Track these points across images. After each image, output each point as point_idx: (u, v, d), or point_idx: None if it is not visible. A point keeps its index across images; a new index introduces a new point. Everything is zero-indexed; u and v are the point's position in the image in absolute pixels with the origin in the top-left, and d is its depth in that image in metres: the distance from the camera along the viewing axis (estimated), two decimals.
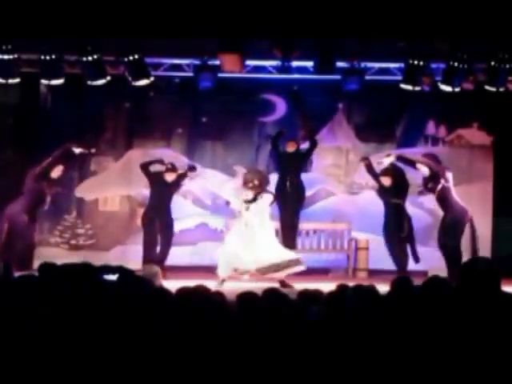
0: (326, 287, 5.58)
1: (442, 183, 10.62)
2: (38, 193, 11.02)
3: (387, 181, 10.91)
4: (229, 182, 12.01)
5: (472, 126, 12.59)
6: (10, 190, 11.45)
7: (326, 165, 12.85)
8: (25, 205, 10.96)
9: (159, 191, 11.05)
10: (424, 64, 10.79)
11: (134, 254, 11.27)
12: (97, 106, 12.46)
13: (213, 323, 4.67)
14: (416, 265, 11.01)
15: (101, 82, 11.07)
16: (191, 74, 11.50)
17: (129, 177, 12.42)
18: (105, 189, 12.72)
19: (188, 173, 11.39)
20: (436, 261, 11.21)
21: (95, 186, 12.71)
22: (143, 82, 11.14)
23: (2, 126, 12.48)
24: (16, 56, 10.84)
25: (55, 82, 11.16)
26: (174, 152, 12.56)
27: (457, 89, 10.91)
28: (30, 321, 4.70)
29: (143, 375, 4.39)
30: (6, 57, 10.77)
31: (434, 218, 11.94)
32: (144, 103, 12.47)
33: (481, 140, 12.56)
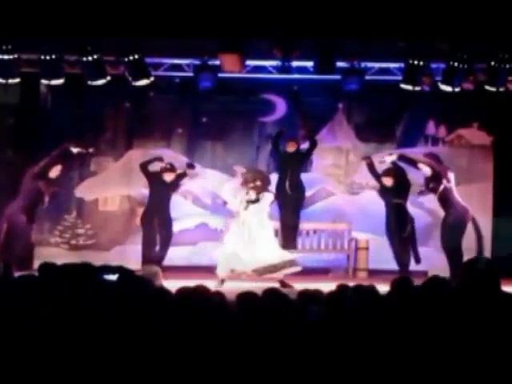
0: (326, 287, 5.57)
1: (444, 183, 10.60)
2: (36, 193, 11.00)
3: (389, 181, 10.88)
4: (228, 182, 11.99)
5: (472, 126, 12.59)
6: (10, 190, 11.45)
7: (326, 165, 12.85)
8: (23, 205, 10.95)
9: (158, 191, 11.05)
10: (424, 64, 10.79)
11: (134, 254, 11.27)
12: (97, 106, 12.46)
13: (213, 323, 4.67)
14: (416, 265, 11.01)
15: (101, 82, 11.07)
16: (191, 74, 11.50)
17: (129, 177, 12.43)
18: (105, 189, 12.72)
19: (187, 171, 11.38)
20: (436, 261, 11.22)
21: (95, 186, 12.71)
22: (143, 82, 11.14)
23: (2, 126, 12.48)
24: (16, 56, 10.83)
25: (55, 82, 11.15)
26: (174, 152, 12.56)
27: (457, 89, 10.91)
28: (30, 321, 4.70)
29: (143, 375, 4.39)
30: (6, 57, 10.77)
31: (434, 218, 11.95)
32: (144, 103, 12.47)
33: (481, 140, 12.56)
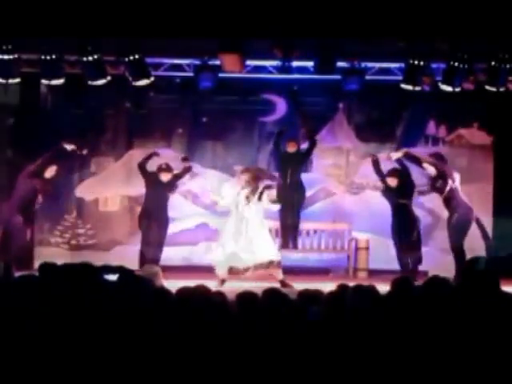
0: (326, 287, 5.57)
1: (450, 183, 10.62)
2: (31, 192, 10.99)
3: (393, 181, 10.86)
4: (228, 182, 11.93)
5: (472, 126, 12.60)
6: (10, 191, 11.44)
7: (326, 165, 12.85)
8: (18, 205, 10.92)
9: (155, 191, 11.01)
10: (424, 64, 10.78)
11: (134, 254, 11.25)
12: (97, 106, 12.46)
13: (213, 323, 4.67)
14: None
15: (101, 82, 11.06)
16: (191, 74, 11.49)
17: (129, 177, 12.42)
18: (105, 189, 12.73)
19: (183, 163, 11.33)
20: (436, 261, 11.22)
21: (95, 186, 12.72)
22: (143, 82, 11.14)
23: (2, 126, 12.48)
24: (16, 56, 10.82)
25: (55, 82, 11.15)
26: (175, 152, 12.55)
27: (457, 89, 10.90)
28: (30, 321, 4.70)
29: (143, 375, 4.39)
30: (6, 57, 10.76)
31: (434, 218, 11.95)
32: (144, 103, 12.47)
33: (481, 140, 12.56)
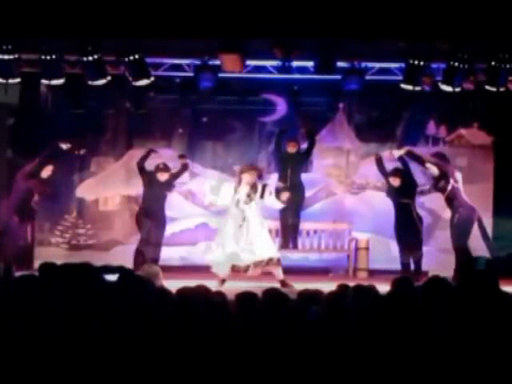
0: (326, 287, 5.58)
1: (452, 183, 10.64)
2: (27, 192, 10.99)
3: (395, 181, 10.88)
4: (225, 183, 11.83)
5: (472, 126, 12.60)
6: (10, 190, 11.44)
7: (327, 165, 12.84)
8: (14, 205, 10.92)
9: (152, 191, 11.00)
10: (424, 64, 10.78)
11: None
12: (97, 106, 12.45)
13: (213, 323, 4.67)
14: None
15: (101, 82, 11.05)
16: (191, 74, 11.50)
17: (129, 177, 12.41)
18: (105, 189, 12.72)
19: (179, 160, 11.32)
20: (436, 261, 11.22)
21: (95, 186, 12.71)
22: (143, 82, 11.13)
23: (2, 126, 12.48)
24: (16, 56, 10.82)
25: (55, 82, 11.14)
26: (175, 152, 12.53)
27: (457, 89, 10.90)
28: (30, 321, 4.70)
29: (144, 375, 4.39)
30: (7, 57, 10.75)
31: (434, 218, 11.95)
32: (144, 103, 12.45)
33: (481, 140, 12.56)
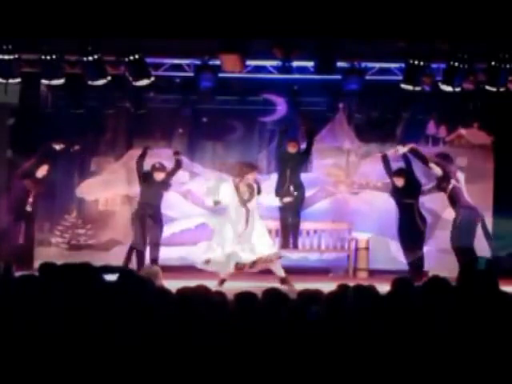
0: (326, 287, 5.57)
1: (453, 184, 10.68)
2: (22, 192, 10.99)
3: (400, 181, 10.92)
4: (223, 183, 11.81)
5: (472, 126, 12.59)
6: (10, 190, 11.45)
7: (327, 165, 12.83)
8: (9, 204, 10.94)
9: (149, 190, 11.02)
10: (424, 64, 10.78)
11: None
12: (97, 106, 12.46)
13: (213, 323, 4.67)
14: None
15: (101, 82, 11.06)
16: (192, 74, 11.50)
17: (129, 177, 12.41)
18: (105, 189, 12.72)
19: (174, 157, 11.32)
20: (436, 261, 11.22)
21: (95, 186, 12.71)
22: (144, 82, 11.13)
23: (2, 126, 12.48)
24: (16, 56, 10.82)
25: (55, 82, 11.15)
26: None
27: (457, 89, 10.90)
28: (30, 321, 4.71)
29: (144, 375, 4.39)
30: (7, 57, 10.76)
31: (434, 218, 11.94)
32: (144, 103, 12.45)
33: (481, 140, 12.56)
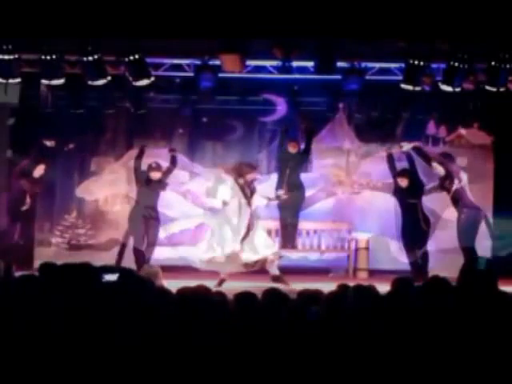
0: (326, 287, 5.58)
1: (456, 184, 10.69)
2: (19, 192, 10.98)
3: (404, 181, 10.93)
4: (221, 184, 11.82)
5: (472, 126, 12.59)
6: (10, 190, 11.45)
7: (327, 165, 12.83)
8: (5, 204, 10.93)
9: (146, 190, 11.01)
10: (424, 64, 10.78)
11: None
12: (97, 106, 12.45)
13: (213, 323, 4.67)
14: None
15: (101, 82, 11.06)
16: (192, 74, 11.51)
17: (129, 177, 12.38)
18: (105, 189, 12.71)
19: (170, 154, 11.33)
20: (436, 261, 11.22)
21: (95, 186, 12.70)
22: (144, 82, 11.13)
23: (2, 126, 12.47)
24: (16, 56, 10.83)
25: (55, 82, 11.15)
26: None
27: (457, 89, 10.90)
28: (30, 321, 4.70)
29: (144, 374, 4.39)
30: (7, 57, 10.76)
31: (435, 218, 11.93)
32: (144, 103, 12.45)
33: (481, 140, 12.56)
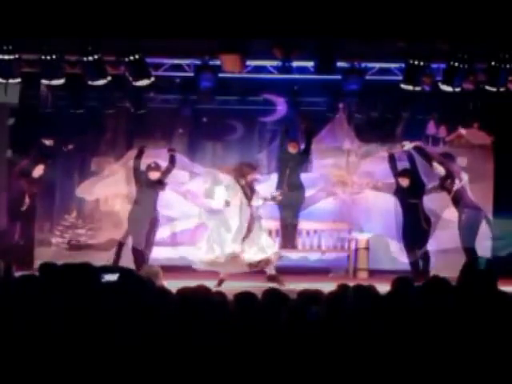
0: (326, 287, 5.58)
1: (457, 184, 10.71)
2: (18, 192, 10.98)
3: (405, 181, 10.97)
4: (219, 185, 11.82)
5: (472, 126, 12.59)
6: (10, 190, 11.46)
7: (327, 165, 12.83)
8: (5, 204, 10.93)
9: (144, 190, 11.03)
10: (424, 64, 10.78)
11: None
12: (97, 106, 12.45)
13: (213, 323, 4.67)
14: None
15: (101, 82, 11.05)
16: (192, 74, 11.51)
17: (129, 177, 12.37)
18: (105, 189, 12.70)
19: (168, 153, 11.34)
20: (436, 261, 11.22)
21: (95, 186, 12.70)
22: (144, 82, 11.13)
23: (2, 126, 12.48)
24: (17, 56, 10.82)
25: (55, 82, 11.14)
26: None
27: (457, 89, 10.90)
28: (30, 321, 4.70)
29: (144, 374, 4.39)
30: (7, 57, 10.75)
31: (435, 218, 11.93)
32: (144, 103, 12.45)
33: (481, 140, 12.56)
